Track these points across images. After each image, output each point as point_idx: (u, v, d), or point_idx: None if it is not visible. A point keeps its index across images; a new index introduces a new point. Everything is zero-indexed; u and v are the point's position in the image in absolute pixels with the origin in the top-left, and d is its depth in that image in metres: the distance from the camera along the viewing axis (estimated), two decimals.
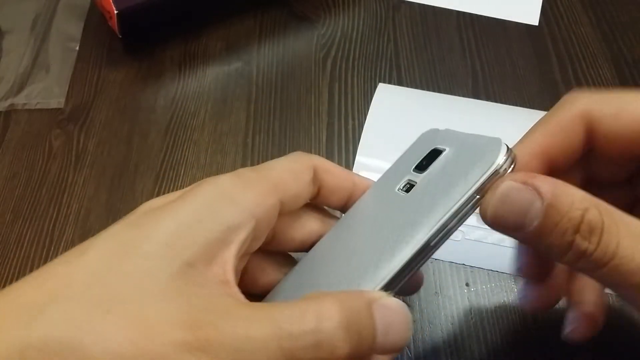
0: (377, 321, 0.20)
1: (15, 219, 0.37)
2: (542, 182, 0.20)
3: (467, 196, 0.21)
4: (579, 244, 0.20)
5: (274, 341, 0.18)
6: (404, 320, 0.21)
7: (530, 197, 0.20)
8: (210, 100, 0.42)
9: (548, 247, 0.21)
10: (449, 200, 0.21)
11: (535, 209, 0.20)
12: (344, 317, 0.19)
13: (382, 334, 0.20)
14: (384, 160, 0.37)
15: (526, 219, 0.21)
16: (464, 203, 0.21)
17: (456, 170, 0.22)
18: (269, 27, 0.46)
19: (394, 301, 0.21)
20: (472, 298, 0.32)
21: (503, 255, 0.33)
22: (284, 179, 0.24)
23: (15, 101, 0.42)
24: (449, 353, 0.31)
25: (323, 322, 0.19)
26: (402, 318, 0.21)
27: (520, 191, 0.20)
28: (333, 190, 0.26)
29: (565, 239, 0.20)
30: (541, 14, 0.46)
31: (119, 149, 0.40)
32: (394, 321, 0.20)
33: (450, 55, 0.44)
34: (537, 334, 0.31)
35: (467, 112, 0.39)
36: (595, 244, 0.20)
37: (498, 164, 0.21)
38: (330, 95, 0.42)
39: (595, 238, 0.20)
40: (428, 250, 0.21)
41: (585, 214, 0.20)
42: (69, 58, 0.44)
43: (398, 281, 0.21)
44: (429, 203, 0.22)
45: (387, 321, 0.20)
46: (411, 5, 0.47)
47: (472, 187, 0.21)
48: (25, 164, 0.39)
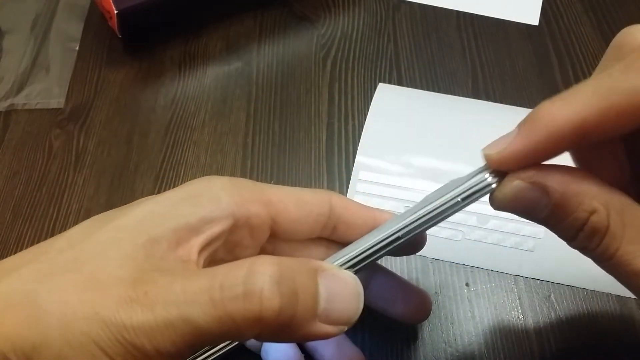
0: (321, 287, 0.20)
1: (15, 219, 0.37)
2: (551, 180, 0.20)
3: (444, 199, 0.22)
4: (580, 240, 0.21)
5: (206, 293, 0.18)
6: (352, 292, 0.21)
7: (537, 196, 0.20)
8: (210, 100, 0.42)
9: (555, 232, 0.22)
10: (428, 203, 0.22)
11: (542, 205, 0.21)
12: (276, 271, 0.19)
13: (326, 300, 0.20)
14: (384, 160, 0.37)
15: (533, 212, 0.21)
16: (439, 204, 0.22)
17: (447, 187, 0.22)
18: (269, 27, 0.46)
19: (344, 272, 0.21)
20: (472, 298, 0.32)
21: (503, 255, 0.33)
22: (284, 200, 0.24)
23: (15, 101, 0.42)
24: (449, 353, 0.31)
25: (254, 275, 0.19)
26: (350, 289, 0.21)
27: (528, 190, 0.21)
28: (350, 227, 0.26)
29: (569, 233, 0.21)
30: (541, 14, 0.46)
31: (119, 149, 0.40)
32: (341, 291, 0.20)
33: (450, 55, 0.44)
34: (536, 334, 0.31)
35: (467, 112, 0.39)
36: (595, 245, 0.20)
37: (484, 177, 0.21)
38: (330, 95, 0.42)
39: (597, 240, 0.20)
40: (395, 240, 0.22)
41: (591, 217, 0.20)
42: (69, 58, 0.44)
43: (358, 262, 0.22)
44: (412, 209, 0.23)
45: (331, 289, 0.20)
46: (411, 5, 0.47)
47: (450, 193, 0.21)
48: (25, 163, 0.39)
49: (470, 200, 0.21)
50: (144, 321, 0.18)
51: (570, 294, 0.32)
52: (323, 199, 0.25)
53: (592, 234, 0.20)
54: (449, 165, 0.36)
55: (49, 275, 0.19)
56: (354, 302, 0.21)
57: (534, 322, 0.32)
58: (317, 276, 0.20)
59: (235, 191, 0.23)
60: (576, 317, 0.32)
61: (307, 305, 0.19)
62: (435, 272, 0.33)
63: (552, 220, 0.21)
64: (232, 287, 0.18)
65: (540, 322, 0.32)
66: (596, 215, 0.20)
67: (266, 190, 0.24)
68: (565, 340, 0.31)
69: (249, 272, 0.19)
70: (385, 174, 0.36)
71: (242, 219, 0.23)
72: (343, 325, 0.20)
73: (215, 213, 0.22)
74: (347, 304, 0.20)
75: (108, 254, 0.20)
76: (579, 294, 0.32)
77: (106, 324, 0.18)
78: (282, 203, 0.24)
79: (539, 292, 0.33)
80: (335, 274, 0.20)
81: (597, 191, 0.20)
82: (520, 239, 0.33)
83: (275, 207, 0.24)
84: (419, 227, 0.22)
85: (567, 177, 0.20)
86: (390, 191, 0.36)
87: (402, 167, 0.36)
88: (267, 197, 0.24)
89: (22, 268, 0.19)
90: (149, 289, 0.19)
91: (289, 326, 0.19)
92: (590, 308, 0.32)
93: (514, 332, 0.31)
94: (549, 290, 0.33)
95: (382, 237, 0.22)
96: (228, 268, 0.19)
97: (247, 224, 0.23)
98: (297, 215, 0.24)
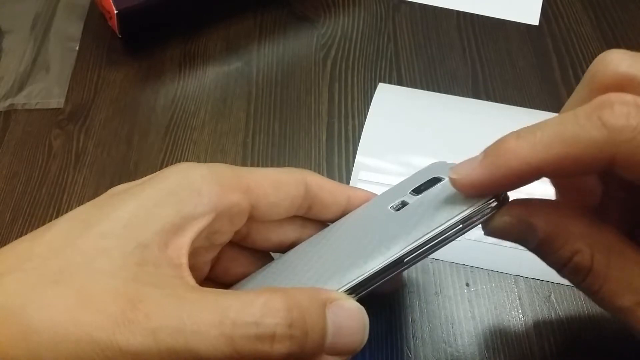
0: (329, 322, 0.20)
1: (15, 219, 0.37)
2: (538, 219, 0.21)
3: (450, 223, 0.21)
4: (566, 274, 0.22)
5: (217, 327, 0.18)
6: (358, 324, 0.21)
7: (525, 231, 0.21)
8: (210, 100, 0.42)
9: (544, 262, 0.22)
10: (432, 223, 0.22)
11: (531, 239, 0.22)
12: (288, 314, 0.19)
13: (333, 335, 0.20)
14: (384, 160, 0.37)
15: (523, 243, 0.22)
16: (445, 229, 0.22)
17: (448, 198, 0.22)
18: (269, 27, 0.46)
19: (351, 303, 0.21)
20: (472, 298, 0.32)
21: (503, 255, 0.33)
22: (262, 185, 0.24)
23: (15, 101, 0.42)
24: (449, 353, 0.31)
25: (267, 316, 0.19)
26: (357, 321, 0.21)
27: (517, 226, 0.21)
28: (326, 206, 0.27)
29: (556, 267, 0.22)
30: (541, 13, 0.46)
31: (119, 149, 0.40)
32: (348, 324, 0.20)
33: (450, 55, 0.44)
34: (536, 334, 0.31)
35: (467, 112, 0.39)
36: (580, 280, 0.21)
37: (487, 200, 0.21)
38: (330, 95, 0.42)
39: (581, 277, 0.21)
40: (400, 265, 0.21)
41: (575, 257, 0.21)
42: (69, 58, 0.44)
43: (364, 288, 0.21)
44: (413, 222, 0.22)
45: (340, 323, 0.20)
46: (411, 5, 0.47)
47: (457, 216, 0.21)
48: (25, 163, 0.39)
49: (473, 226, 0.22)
50: (143, 347, 0.17)
51: (570, 294, 0.32)
52: (298, 179, 0.25)
53: (576, 272, 0.21)
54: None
55: (36, 287, 0.18)
56: (360, 334, 0.21)
57: (534, 322, 0.32)
58: (327, 309, 0.20)
59: (215, 181, 0.23)
60: (576, 317, 0.32)
61: (316, 342, 0.20)
62: (435, 272, 0.33)
63: (540, 253, 0.22)
64: (245, 327, 0.18)
65: (540, 322, 0.32)
66: (579, 256, 0.20)
67: (244, 176, 0.24)
68: (565, 340, 0.31)
69: (261, 312, 0.19)
70: (385, 174, 0.36)
71: (224, 211, 0.23)
72: (347, 355, 0.21)
73: (198, 209, 0.22)
74: (354, 336, 0.20)
75: (97, 264, 0.19)
76: (579, 294, 0.32)
77: (100, 347, 0.17)
78: (261, 188, 0.24)
79: (539, 292, 0.33)
80: (343, 305, 0.20)
81: (582, 231, 0.21)
82: None
83: (254, 193, 0.24)
84: (423, 254, 0.22)
85: (554, 215, 0.21)
86: None
87: (402, 167, 0.36)
88: (246, 183, 0.24)
89: (5, 277, 0.19)
90: (150, 310, 0.18)
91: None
92: (590, 308, 0.32)
93: (514, 332, 0.31)
94: (549, 290, 0.33)
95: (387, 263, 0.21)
96: (241, 303, 0.19)
97: (228, 213, 0.23)
98: (274, 199, 0.25)
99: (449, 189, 0.23)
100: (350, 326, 0.20)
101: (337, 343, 0.20)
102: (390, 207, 0.25)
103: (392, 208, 0.25)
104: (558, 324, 0.32)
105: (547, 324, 0.32)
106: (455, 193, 0.22)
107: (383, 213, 0.25)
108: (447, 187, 0.24)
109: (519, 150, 0.20)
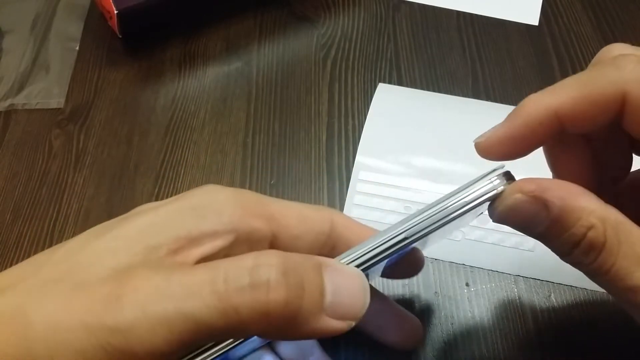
0: (327, 281, 0.19)
1: (15, 219, 0.37)
2: (551, 195, 0.21)
3: (452, 207, 0.21)
4: (576, 256, 0.21)
5: (209, 285, 0.18)
6: (358, 286, 0.20)
7: (536, 209, 0.21)
8: (210, 100, 0.42)
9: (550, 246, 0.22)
10: (435, 207, 0.22)
11: (540, 219, 0.21)
12: (282, 263, 0.19)
13: (332, 294, 0.19)
14: (384, 160, 0.37)
15: (531, 225, 0.21)
16: (448, 212, 0.21)
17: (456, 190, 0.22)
18: (269, 27, 0.46)
19: (348, 267, 0.21)
20: (472, 298, 0.32)
21: (503, 255, 0.33)
22: (286, 216, 0.24)
23: (15, 101, 0.42)
24: (449, 353, 0.31)
25: (260, 266, 0.18)
26: (356, 283, 0.20)
27: (528, 204, 0.21)
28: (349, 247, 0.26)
29: (565, 249, 0.21)
30: (541, 13, 0.46)
31: (119, 149, 0.40)
32: (347, 285, 0.20)
33: (450, 55, 0.44)
34: (536, 334, 0.31)
35: (467, 112, 0.39)
36: (591, 260, 0.21)
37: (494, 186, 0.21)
38: (330, 95, 0.42)
39: (593, 255, 0.20)
40: (401, 241, 0.22)
41: (589, 232, 0.20)
42: (69, 58, 0.44)
43: (363, 262, 0.21)
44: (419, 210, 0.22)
45: (337, 283, 0.20)
46: (411, 5, 0.47)
47: (461, 193, 0.21)
48: (25, 163, 0.39)
49: (477, 203, 0.21)
50: (133, 322, 0.17)
51: (570, 294, 0.32)
52: (325, 217, 0.25)
53: (589, 250, 0.20)
54: (449, 165, 0.36)
55: (41, 287, 0.18)
56: (360, 296, 0.20)
57: (534, 322, 0.32)
58: (323, 270, 0.20)
59: (238, 204, 0.22)
60: (576, 317, 0.32)
61: (314, 298, 0.19)
62: (435, 272, 0.33)
63: (549, 235, 0.21)
64: (238, 279, 0.18)
65: (540, 322, 0.32)
66: (593, 231, 0.20)
67: (269, 205, 0.24)
68: (565, 340, 0.31)
69: (255, 264, 0.18)
70: (385, 174, 0.36)
71: (244, 235, 0.22)
72: (350, 320, 0.20)
73: (217, 227, 0.22)
74: (354, 298, 0.20)
75: (102, 262, 0.19)
76: (579, 294, 0.32)
77: (90, 331, 0.17)
78: (284, 219, 0.24)
79: (539, 292, 0.33)
80: (339, 268, 0.20)
81: (594, 207, 0.20)
82: (520, 239, 0.33)
83: (277, 223, 0.23)
84: (425, 229, 0.22)
85: (566, 192, 0.21)
86: (390, 191, 0.36)
87: (402, 167, 0.36)
88: (270, 211, 0.23)
89: (19, 284, 0.19)
90: (139, 284, 0.18)
91: (295, 320, 0.19)
92: (590, 308, 0.32)
93: (514, 332, 0.31)
94: (549, 290, 0.33)
95: (388, 237, 0.22)
96: (231, 260, 0.19)
97: (248, 239, 0.23)
98: (298, 232, 0.24)
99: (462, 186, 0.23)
100: (350, 287, 0.20)
101: (337, 303, 0.19)
102: None
103: None
104: (558, 324, 0.32)
105: (547, 324, 0.32)
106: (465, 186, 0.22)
107: None
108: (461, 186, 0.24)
109: (539, 97, 0.22)
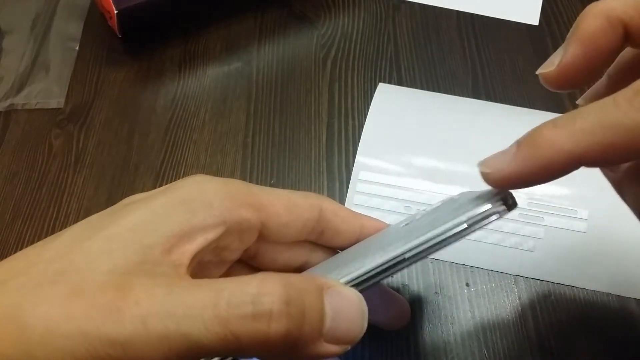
0: (327, 306, 0.19)
1: (15, 219, 0.37)
2: None
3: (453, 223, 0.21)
4: None
5: (211, 309, 0.18)
6: (357, 311, 0.20)
7: None
8: (210, 100, 0.42)
9: None
10: (436, 223, 0.22)
11: None
12: (285, 292, 0.18)
13: (332, 319, 0.19)
14: (384, 161, 0.37)
15: None
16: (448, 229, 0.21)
17: (458, 206, 0.22)
18: (269, 27, 0.46)
19: (349, 290, 0.21)
20: (472, 298, 0.32)
21: (503, 255, 0.33)
22: (275, 204, 0.24)
23: (15, 101, 0.42)
24: (449, 353, 0.31)
25: (263, 295, 0.18)
26: (355, 307, 0.20)
27: None
28: (338, 233, 0.26)
29: None
30: (541, 13, 0.46)
31: (119, 149, 0.40)
32: (346, 309, 0.20)
33: (450, 55, 0.44)
34: (537, 334, 0.31)
35: (467, 112, 0.39)
36: None
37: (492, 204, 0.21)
38: (330, 95, 0.42)
39: None
40: (401, 262, 0.21)
41: None
42: (69, 58, 0.44)
43: (364, 282, 0.21)
44: (419, 226, 0.22)
45: (338, 308, 0.20)
46: (411, 5, 0.47)
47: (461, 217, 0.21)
48: (25, 164, 0.39)
49: (478, 227, 0.21)
50: (133, 335, 0.17)
51: (570, 294, 0.32)
52: (313, 204, 0.25)
53: None
54: (449, 165, 0.36)
55: (35, 287, 0.18)
56: (358, 320, 0.20)
57: (534, 322, 0.32)
58: (324, 294, 0.20)
59: (227, 195, 0.23)
60: (576, 317, 0.32)
61: (314, 325, 0.19)
62: (435, 272, 0.33)
63: None
64: (240, 306, 0.18)
65: (540, 322, 0.32)
66: None
67: (258, 194, 0.24)
68: (565, 340, 0.31)
69: (258, 292, 0.18)
70: (385, 174, 0.36)
71: (234, 225, 0.23)
72: (347, 345, 0.20)
73: (208, 221, 0.22)
74: (352, 322, 0.20)
75: (97, 264, 0.19)
76: (579, 294, 0.32)
77: (89, 340, 0.17)
78: (273, 207, 0.24)
79: (539, 292, 0.33)
80: (340, 291, 0.20)
81: None
82: (520, 239, 0.33)
83: (266, 212, 0.24)
84: (425, 252, 0.21)
85: None
86: (390, 191, 0.36)
87: (402, 167, 0.36)
88: (259, 201, 0.24)
89: (10, 281, 0.19)
90: (141, 298, 0.18)
91: (294, 347, 0.19)
92: (590, 308, 0.32)
93: (514, 332, 0.31)
94: (549, 290, 0.33)
95: (389, 258, 0.21)
96: (235, 284, 0.19)
97: (238, 229, 0.23)
98: (286, 220, 0.24)
99: (459, 202, 0.23)
100: (349, 312, 0.20)
101: (336, 329, 0.19)
102: (402, 225, 0.25)
103: (404, 225, 0.25)
104: (558, 324, 0.32)
105: (547, 324, 0.32)
106: (465, 201, 0.22)
107: (395, 229, 0.26)
108: (457, 202, 0.23)
109: (558, 139, 0.19)
